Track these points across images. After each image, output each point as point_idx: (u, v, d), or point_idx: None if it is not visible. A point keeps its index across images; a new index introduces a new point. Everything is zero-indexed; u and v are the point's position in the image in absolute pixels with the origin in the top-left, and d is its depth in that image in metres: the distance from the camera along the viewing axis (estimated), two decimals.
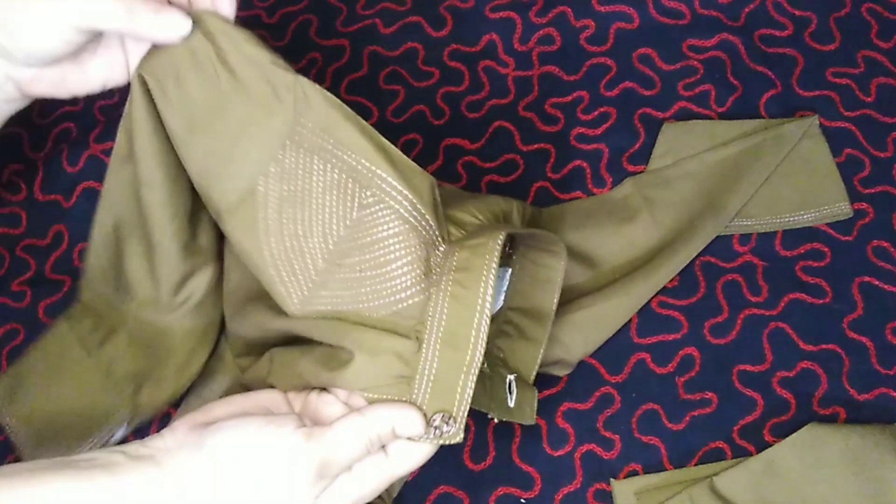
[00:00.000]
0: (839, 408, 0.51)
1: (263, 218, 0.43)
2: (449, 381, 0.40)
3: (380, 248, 0.41)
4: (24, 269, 0.58)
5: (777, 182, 0.56)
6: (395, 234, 0.41)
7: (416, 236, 0.41)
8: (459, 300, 0.41)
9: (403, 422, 0.40)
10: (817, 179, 0.56)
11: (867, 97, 0.59)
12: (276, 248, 0.42)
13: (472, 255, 0.41)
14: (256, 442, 0.39)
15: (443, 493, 0.51)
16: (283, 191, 0.42)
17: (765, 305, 0.54)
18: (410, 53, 0.62)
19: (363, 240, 0.42)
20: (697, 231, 0.54)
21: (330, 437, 0.39)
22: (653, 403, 0.52)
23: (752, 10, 0.61)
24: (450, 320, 0.41)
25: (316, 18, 0.64)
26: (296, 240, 0.42)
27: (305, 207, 0.42)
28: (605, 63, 0.61)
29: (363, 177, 0.42)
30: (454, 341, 0.40)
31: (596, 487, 0.50)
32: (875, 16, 0.61)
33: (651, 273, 0.53)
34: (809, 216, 0.55)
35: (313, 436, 0.39)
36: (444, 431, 0.40)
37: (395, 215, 0.41)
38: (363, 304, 0.42)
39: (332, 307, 0.42)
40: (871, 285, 0.54)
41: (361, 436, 0.39)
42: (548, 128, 0.59)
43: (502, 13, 0.63)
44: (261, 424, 0.39)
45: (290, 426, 0.39)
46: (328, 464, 0.39)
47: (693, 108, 0.59)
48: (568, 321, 0.52)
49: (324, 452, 0.39)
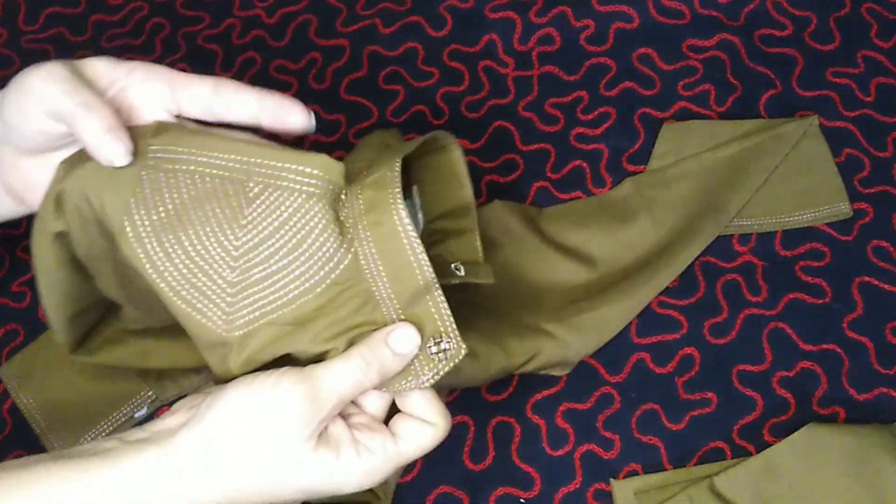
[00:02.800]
0: (839, 408, 0.51)
1: (145, 254, 0.39)
2: (420, 312, 0.39)
3: (286, 231, 0.39)
4: (25, 270, 0.58)
5: (777, 182, 0.56)
6: (296, 210, 0.39)
7: (317, 201, 0.39)
8: (384, 239, 0.39)
9: (398, 337, 0.38)
10: (817, 179, 0.56)
11: (867, 97, 0.59)
12: (173, 279, 0.39)
13: (376, 191, 0.40)
14: (245, 398, 0.37)
15: (443, 493, 0.51)
16: (154, 221, 0.39)
17: (764, 305, 0.54)
18: (410, 53, 0.62)
19: (266, 231, 0.39)
20: (697, 232, 0.54)
21: (320, 370, 0.38)
22: (653, 403, 0.52)
23: (752, 10, 0.61)
24: (385, 261, 0.39)
25: (316, 18, 0.64)
26: (191, 262, 0.39)
27: (188, 227, 0.39)
28: (605, 63, 0.61)
29: (239, 172, 0.40)
30: (401, 276, 0.39)
31: (596, 487, 0.50)
32: (875, 16, 0.61)
33: (651, 276, 0.53)
34: (809, 216, 0.55)
35: (303, 374, 0.37)
36: (444, 349, 0.39)
37: (286, 192, 0.39)
38: (293, 292, 0.39)
39: (261, 312, 0.39)
40: (870, 285, 0.54)
41: (353, 359, 0.38)
42: (548, 128, 0.60)
43: (502, 13, 0.63)
44: (250, 380, 0.38)
45: (277, 373, 0.38)
46: (321, 396, 0.37)
47: (693, 108, 0.59)
48: (568, 323, 0.52)
49: (315, 385, 0.37)
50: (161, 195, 0.40)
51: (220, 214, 0.39)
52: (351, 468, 0.38)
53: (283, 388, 0.37)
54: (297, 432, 0.37)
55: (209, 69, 0.63)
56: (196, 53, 0.64)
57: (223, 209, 0.39)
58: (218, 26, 0.65)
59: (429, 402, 0.40)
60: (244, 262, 0.39)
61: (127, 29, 0.65)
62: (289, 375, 0.37)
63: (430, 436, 0.39)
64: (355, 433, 0.39)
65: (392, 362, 0.38)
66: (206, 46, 0.64)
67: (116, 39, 0.65)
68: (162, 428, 0.38)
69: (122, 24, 0.66)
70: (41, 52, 0.65)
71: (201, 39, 0.64)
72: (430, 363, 0.39)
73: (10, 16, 0.67)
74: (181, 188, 0.40)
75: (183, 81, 0.41)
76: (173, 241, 0.39)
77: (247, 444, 0.37)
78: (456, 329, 0.39)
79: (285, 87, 0.62)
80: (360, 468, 0.38)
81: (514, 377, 0.53)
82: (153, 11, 0.66)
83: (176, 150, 0.40)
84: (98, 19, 0.66)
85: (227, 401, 0.37)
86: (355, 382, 0.38)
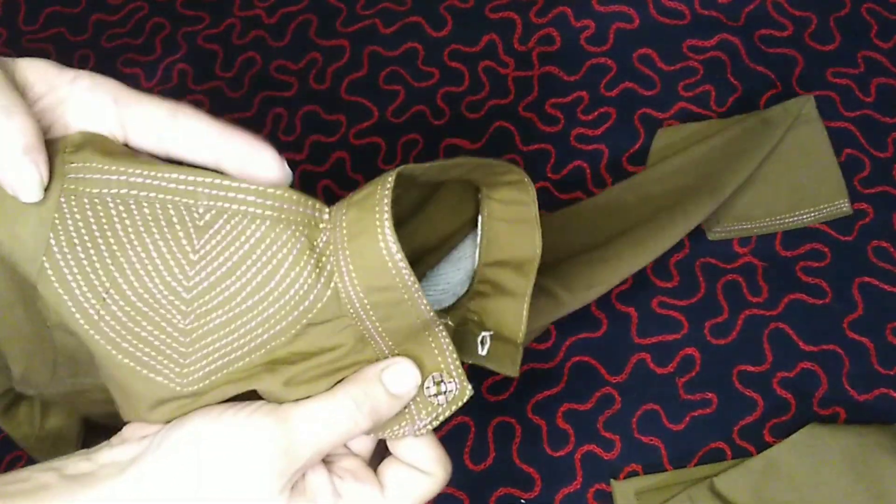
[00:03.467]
0: (839, 408, 0.51)
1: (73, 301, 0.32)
2: (417, 350, 0.34)
3: (248, 267, 0.32)
4: None
5: (775, 179, 0.56)
6: (259, 241, 0.32)
7: (285, 227, 0.32)
8: (369, 272, 0.32)
9: (394, 374, 0.33)
10: (816, 173, 0.55)
11: (867, 97, 0.59)
12: (111, 330, 0.32)
13: (361, 212, 0.32)
14: (208, 436, 0.31)
15: (443, 493, 0.51)
16: (81, 260, 0.32)
17: (765, 306, 0.54)
18: (410, 54, 0.62)
19: (223, 268, 0.32)
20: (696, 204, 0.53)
21: (300, 412, 0.32)
22: (653, 404, 0.52)
23: (752, 11, 0.61)
24: (372, 299, 0.32)
25: (316, 18, 0.64)
26: (132, 308, 0.32)
27: (125, 266, 0.32)
28: (605, 63, 0.61)
29: (184, 194, 0.33)
30: (392, 314, 0.33)
31: (596, 488, 0.50)
32: (875, 16, 0.61)
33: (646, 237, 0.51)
34: (809, 216, 0.55)
35: (280, 415, 0.31)
36: (445, 391, 0.34)
37: (245, 218, 0.32)
38: (261, 337, 0.33)
39: (223, 362, 0.33)
40: (871, 285, 0.54)
41: (341, 400, 0.32)
42: (548, 128, 0.59)
43: (502, 13, 0.63)
44: (219, 412, 0.32)
45: (251, 407, 0.32)
46: (297, 447, 0.31)
47: (693, 109, 0.59)
48: (564, 282, 0.49)
49: (293, 432, 0.31)
50: (88, 227, 0.32)
51: (164, 248, 0.33)
52: None
53: (256, 427, 0.31)
54: (269, 483, 0.31)
55: (209, 69, 0.63)
56: (196, 53, 0.64)
57: (167, 242, 0.33)
58: (218, 26, 0.65)
59: (425, 448, 0.35)
60: (199, 307, 0.33)
61: (127, 29, 0.65)
62: (263, 412, 0.31)
63: (425, 487, 0.34)
64: (337, 482, 0.33)
65: (386, 405, 0.33)
66: (206, 46, 0.64)
67: (116, 39, 0.65)
68: (109, 460, 0.32)
69: (122, 23, 0.66)
70: (41, 51, 0.65)
71: (201, 39, 0.64)
72: (427, 406, 0.34)
73: (10, 15, 0.67)
74: (112, 218, 0.33)
75: (133, 98, 0.34)
76: (108, 283, 0.32)
77: (210, 489, 0.31)
78: (461, 368, 0.34)
79: (285, 88, 0.62)
80: None
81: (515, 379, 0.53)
82: (153, 11, 0.66)
83: (101, 168, 0.33)
84: (98, 19, 0.66)
85: (186, 437, 0.31)
86: (342, 430, 0.32)
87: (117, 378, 0.33)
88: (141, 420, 0.34)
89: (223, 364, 0.33)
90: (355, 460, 0.35)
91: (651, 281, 0.55)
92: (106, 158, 0.33)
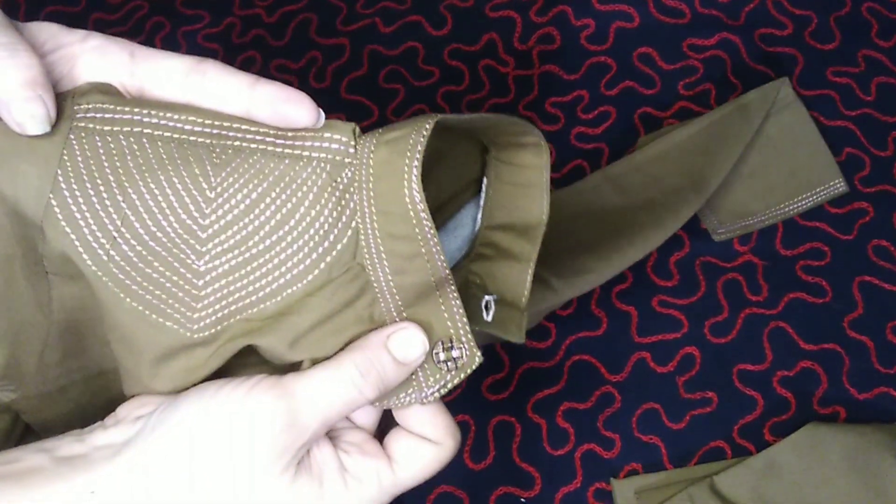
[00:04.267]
0: (839, 407, 0.51)
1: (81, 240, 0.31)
2: (427, 312, 0.32)
3: (269, 203, 0.31)
4: None
5: (767, 170, 0.56)
6: (279, 177, 0.31)
7: (307, 163, 0.31)
8: (390, 219, 0.31)
9: (401, 340, 0.31)
10: (806, 158, 0.56)
11: (867, 96, 0.59)
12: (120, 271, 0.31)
13: (392, 153, 0.30)
14: (207, 413, 0.30)
15: (443, 493, 0.51)
16: (90, 196, 0.31)
17: (765, 305, 0.54)
18: (410, 52, 0.62)
19: (241, 206, 0.31)
20: (680, 199, 0.53)
21: (303, 383, 0.30)
22: (653, 403, 0.52)
23: (752, 10, 0.61)
24: (389, 247, 0.31)
25: (316, 17, 0.64)
26: (144, 247, 0.31)
27: (137, 202, 0.31)
28: (606, 62, 0.61)
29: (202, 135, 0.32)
30: (408, 267, 0.31)
31: (596, 487, 0.50)
32: (875, 15, 0.61)
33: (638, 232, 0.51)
34: (808, 202, 0.55)
35: (283, 387, 0.30)
36: (455, 357, 0.32)
37: (266, 156, 0.31)
38: (278, 281, 0.31)
39: (236, 307, 0.31)
40: (871, 284, 0.54)
41: (345, 368, 0.30)
42: (548, 127, 0.59)
43: (502, 12, 0.62)
44: (214, 390, 0.30)
45: (251, 381, 0.30)
46: (303, 419, 0.30)
47: (693, 108, 0.59)
48: (558, 271, 0.49)
49: (297, 404, 0.30)
50: (99, 162, 0.31)
51: (180, 185, 0.31)
52: (336, 502, 0.31)
53: (257, 403, 0.30)
54: (273, 461, 0.29)
55: None
56: (196, 52, 0.64)
57: (182, 179, 0.31)
58: (218, 25, 0.65)
59: (433, 417, 0.33)
60: (214, 247, 0.31)
61: (127, 28, 0.65)
62: (264, 387, 0.30)
63: (434, 458, 0.33)
64: (343, 457, 0.32)
65: (393, 372, 0.32)
66: (206, 45, 0.64)
67: None
68: (103, 442, 0.31)
69: (122, 22, 0.66)
70: None
71: (201, 38, 0.64)
72: (436, 373, 0.33)
73: (10, 14, 0.67)
74: (125, 154, 0.31)
75: (152, 53, 0.33)
76: (118, 221, 0.31)
77: (206, 473, 0.29)
78: (471, 334, 0.32)
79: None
80: (347, 502, 0.31)
81: (515, 377, 0.53)
82: (153, 10, 0.66)
83: (113, 108, 0.32)
84: (98, 17, 0.66)
85: (184, 415, 0.30)
86: (347, 400, 0.31)
87: (123, 327, 0.32)
88: (144, 388, 0.32)
89: (236, 309, 0.31)
90: (360, 433, 0.34)
91: (651, 280, 0.55)
92: (117, 100, 0.32)
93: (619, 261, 0.50)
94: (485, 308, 0.38)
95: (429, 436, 0.33)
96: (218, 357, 0.32)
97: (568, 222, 0.54)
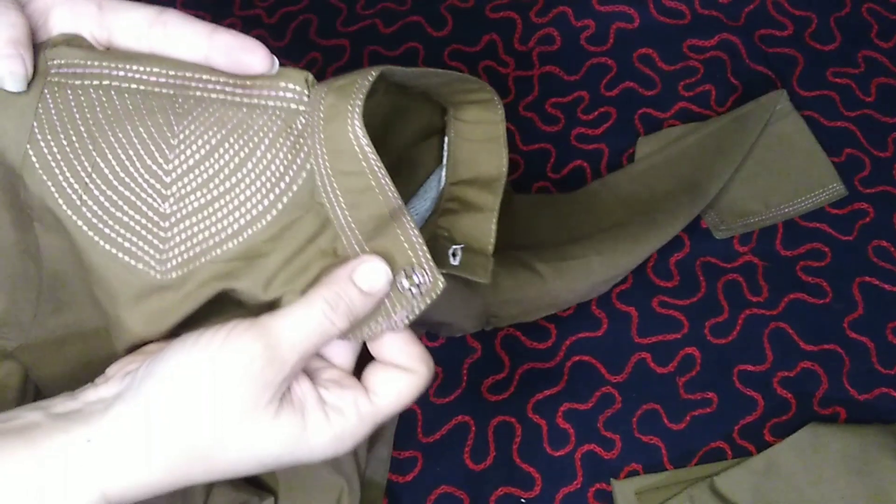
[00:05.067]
0: (839, 408, 0.51)
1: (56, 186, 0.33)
2: (387, 243, 0.34)
3: (227, 148, 0.33)
4: None
5: (765, 173, 0.56)
6: (238, 125, 0.33)
7: (263, 111, 0.33)
8: (340, 157, 0.33)
9: (364, 272, 0.33)
10: (803, 161, 0.56)
11: (867, 97, 0.59)
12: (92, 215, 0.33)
13: (338, 98, 0.32)
14: (190, 360, 0.31)
15: (443, 493, 0.51)
16: (64, 146, 0.33)
17: (765, 305, 0.54)
18: (411, 53, 0.62)
19: (202, 151, 0.33)
20: (680, 204, 0.53)
21: (278, 321, 0.32)
22: (653, 403, 0.52)
23: (752, 10, 0.61)
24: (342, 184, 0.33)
25: (316, 18, 0.64)
26: (114, 192, 0.33)
27: (107, 151, 0.33)
28: (606, 63, 0.61)
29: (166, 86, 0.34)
30: (361, 202, 0.33)
31: (596, 487, 0.50)
32: (875, 16, 0.61)
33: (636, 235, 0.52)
34: (807, 203, 0.55)
35: (258, 326, 0.32)
36: (418, 283, 0.33)
37: (225, 105, 0.34)
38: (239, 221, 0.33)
39: (201, 249, 0.33)
40: (871, 285, 0.54)
41: (316, 303, 0.32)
42: (548, 128, 0.59)
43: (503, 13, 0.63)
44: (194, 338, 0.32)
45: (227, 327, 0.32)
46: (282, 353, 0.32)
47: (693, 109, 0.59)
48: (555, 266, 0.50)
49: (274, 340, 0.32)
50: (71, 115, 0.34)
51: (145, 133, 0.33)
52: (319, 434, 0.33)
53: (236, 345, 0.31)
54: (257, 397, 0.31)
55: None
56: None
57: (147, 128, 0.33)
58: None
59: (405, 345, 0.35)
60: (178, 190, 0.33)
61: None
62: (241, 329, 0.32)
63: (410, 385, 0.34)
64: (322, 392, 0.34)
65: (360, 303, 0.33)
66: None
67: None
68: (95, 398, 0.32)
69: None
70: None
71: None
72: (402, 300, 0.34)
73: None
74: (94, 106, 0.34)
75: (117, 3, 0.35)
76: (89, 168, 0.33)
77: (195, 415, 0.31)
78: (431, 260, 0.33)
79: None
80: (329, 433, 0.33)
81: (515, 377, 0.53)
82: None
83: (83, 63, 0.34)
84: None
85: (169, 364, 0.31)
86: (321, 332, 0.32)
87: (99, 268, 0.34)
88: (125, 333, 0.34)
89: (201, 251, 0.33)
90: (337, 371, 0.35)
91: (651, 280, 0.55)
92: (87, 53, 0.34)
93: (610, 256, 0.51)
94: (452, 255, 0.40)
95: (403, 364, 0.34)
96: (191, 300, 0.34)
97: (563, 218, 0.55)
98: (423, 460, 0.52)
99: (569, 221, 0.55)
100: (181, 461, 0.31)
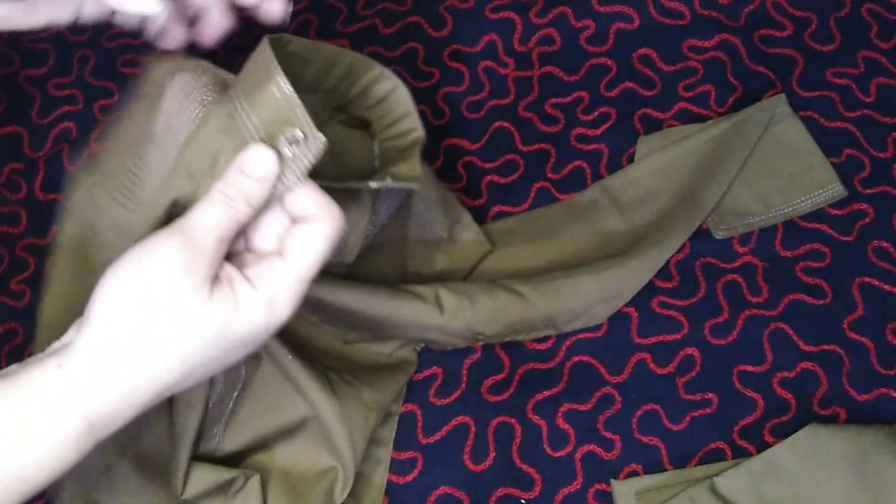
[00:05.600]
0: (839, 408, 0.51)
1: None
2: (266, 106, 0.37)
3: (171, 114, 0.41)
4: (24, 268, 0.58)
5: (764, 174, 0.56)
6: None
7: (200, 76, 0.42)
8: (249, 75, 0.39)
9: (251, 160, 0.36)
10: (802, 162, 0.56)
11: (867, 97, 0.59)
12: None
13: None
14: (124, 275, 0.35)
15: (443, 494, 0.51)
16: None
17: (765, 306, 0.54)
18: (410, 53, 0.62)
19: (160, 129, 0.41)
20: (677, 220, 0.54)
21: (188, 217, 0.36)
22: (653, 404, 0.52)
23: (752, 11, 0.61)
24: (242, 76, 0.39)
25: (316, 18, 0.64)
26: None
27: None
28: (605, 63, 0.61)
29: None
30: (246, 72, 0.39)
31: (596, 488, 0.50)
32: (875, 16, 0.61)
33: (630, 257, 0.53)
34: (806, 203, 0.55)
35: (172, 227, 0.36)
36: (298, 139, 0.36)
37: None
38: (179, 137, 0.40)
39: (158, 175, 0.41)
40: (871, 286, 0.54)
41: (216, 197, 0.36)
42: (548, 128, 0.59)
43: (502, 13, 0.62)
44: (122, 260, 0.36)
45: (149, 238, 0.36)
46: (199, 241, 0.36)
47: (693, 109, 0.59)
48: (538, 286, 0.51)
49: (188, 233, 0.36)
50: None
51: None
52: (251, 304, 0.36)
53: (156, 246, 0.35)
54: (187, 283, 0.35)
55: None
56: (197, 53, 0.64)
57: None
58: None
59: (310, 196, 0.38)
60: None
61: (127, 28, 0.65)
62: (158, 234, 0.36)
63: (320, 233, 0.37)
64: (245, 270, 0.37)
65: (257, 189, 0.37)
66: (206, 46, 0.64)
67: (116, 39, 0.65)
68: (57, 345, 0.37)
69: None
70: (42, 51, 0.65)
71: None
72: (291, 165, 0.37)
73: None
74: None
75: None
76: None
77: (142, 316, 0.35)
78: (308, 116, 0.36)
79: None
80: (260, 301, 0.36)
81: (515, 378, 0.53)
82: None
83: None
84: None
85: (108, 286, 0.35)
86: (228, 219, 0.36)
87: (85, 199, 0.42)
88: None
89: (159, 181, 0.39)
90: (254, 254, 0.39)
91: (651, 281, 0.55)
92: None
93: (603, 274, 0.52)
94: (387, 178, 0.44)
95: (310, 213, 0.37)
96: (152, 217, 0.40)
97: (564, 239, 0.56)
98: (422, 461, 0.51)
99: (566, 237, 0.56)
100: (143, 363, 0.35)
